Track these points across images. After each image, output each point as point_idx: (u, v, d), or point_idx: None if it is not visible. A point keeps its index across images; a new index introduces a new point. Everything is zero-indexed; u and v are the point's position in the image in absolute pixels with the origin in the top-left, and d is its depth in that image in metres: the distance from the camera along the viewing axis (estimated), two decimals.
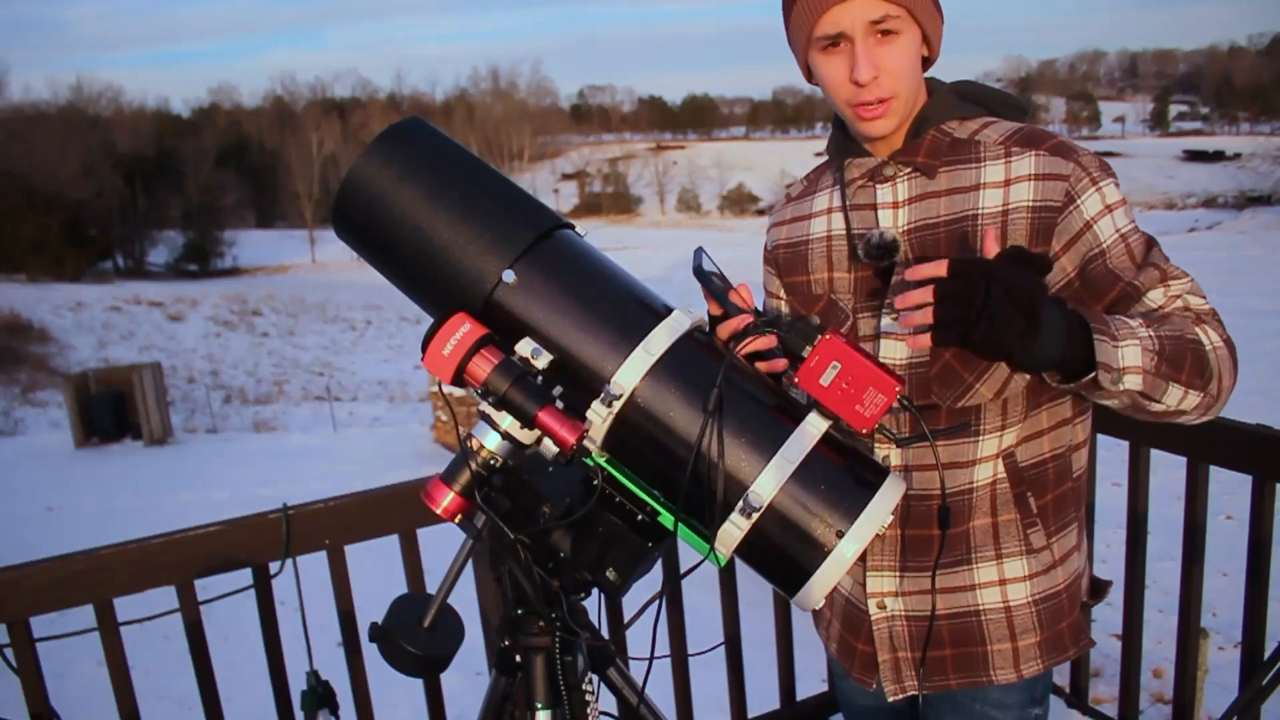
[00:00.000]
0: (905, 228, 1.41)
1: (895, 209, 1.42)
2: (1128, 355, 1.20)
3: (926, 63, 1.42)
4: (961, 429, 1.39)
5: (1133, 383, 1.20)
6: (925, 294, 1.17)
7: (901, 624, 1.49)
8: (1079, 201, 1.31)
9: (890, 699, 1.51)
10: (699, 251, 1.36)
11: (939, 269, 1.17)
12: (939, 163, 1.39)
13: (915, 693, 1.49)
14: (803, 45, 1.37)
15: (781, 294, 1.59)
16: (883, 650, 1.50)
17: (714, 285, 1.32)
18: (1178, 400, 1.25)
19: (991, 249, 1.23)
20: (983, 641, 1.46)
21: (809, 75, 1.41)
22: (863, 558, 1.48)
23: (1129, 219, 1.34)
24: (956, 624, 1.46)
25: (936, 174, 1.40)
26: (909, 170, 1.41)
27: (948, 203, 1.38)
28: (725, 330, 1.29)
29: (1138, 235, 1.34)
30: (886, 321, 1.42)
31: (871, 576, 1.49)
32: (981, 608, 1.45)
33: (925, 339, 1.18)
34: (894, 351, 1.42)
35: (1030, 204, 1.33)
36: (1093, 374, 1.20)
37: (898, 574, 1.47)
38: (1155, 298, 1.31)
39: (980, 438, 1.41)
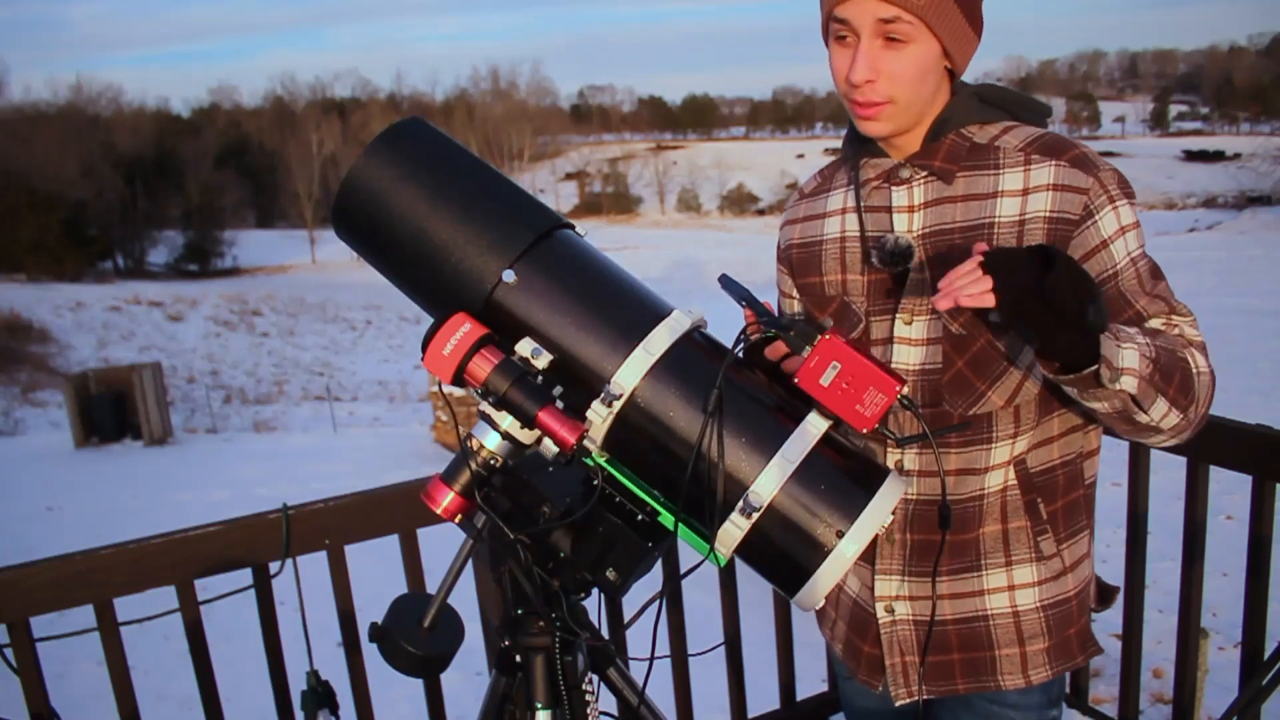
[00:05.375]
0: (920, 232, 1.39)
1: (910, 213, 1.40)
2: (1126, 357, 1.21)
3: (952, 74, 1.38)
4: (963, 427, 1.37)
5: (1129, 384, 1.21)
6: (972, 266, 1.16)
7: (909, 628, 1.48)
8: (1096, 218, 1.31)
9: (896, 703, 1.50)
10: (725, 275, 1.32)
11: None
12: (957, 168, 1.37)
13: (923, 697, 1.49)
14: (824, 24, 1.36)
15: (794, 294, 1.58)
16: (890, 654, 1.49)
17: (756, 304, 1.28)
18: (1161, 415, 1.27)
19: None
20: (991, 646, 1.45)
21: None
22: (871, 560, 1.48)
23: (1139, 243, 1.35)
24: (965, 629, 1.46)
25: (954, 179, 1.37)
26: (925, 174, 1.39)
27: (964, 209, 1.37)
28: (776, 353, 1.28)
29: (1145, 261, 1.36)
30: (900, 326, 1.41)
31: (880, 580, 1.48)
32: (990, 613, 1.44)
33: (985, 297, 1.15)
34: (907, 357, 1.40)
35: (1047, 214, 1.32)
36: (1094, 367, 1.19)
37: (904, 578, 1.46)
38: (1155, 325, 1.34)
39: (993, 445, 1.40)
